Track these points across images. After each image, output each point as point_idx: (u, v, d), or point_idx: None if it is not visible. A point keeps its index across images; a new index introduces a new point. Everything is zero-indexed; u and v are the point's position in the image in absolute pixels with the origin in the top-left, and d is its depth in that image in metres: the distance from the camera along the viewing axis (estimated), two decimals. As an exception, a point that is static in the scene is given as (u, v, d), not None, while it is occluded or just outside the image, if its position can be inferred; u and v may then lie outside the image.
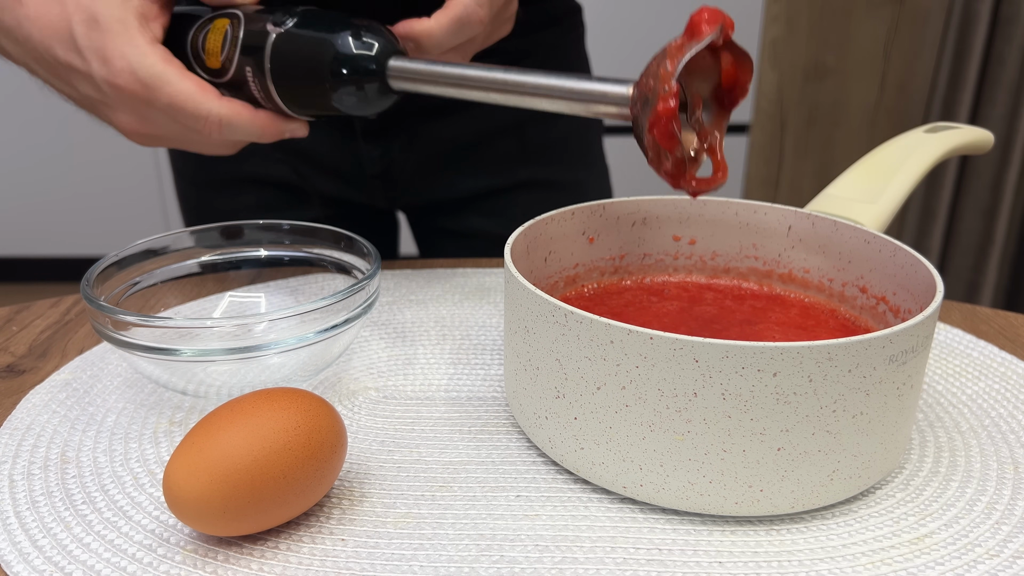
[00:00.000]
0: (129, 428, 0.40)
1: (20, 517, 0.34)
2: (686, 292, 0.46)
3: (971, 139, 0.53)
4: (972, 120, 1.79)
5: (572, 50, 0.74)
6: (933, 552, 0.32)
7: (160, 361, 0.39)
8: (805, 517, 0.34)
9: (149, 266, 0.47)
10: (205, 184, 0.72)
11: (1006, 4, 1.69)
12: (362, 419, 0.41)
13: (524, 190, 0.73)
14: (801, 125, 2.01)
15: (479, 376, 0.45)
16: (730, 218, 0.47)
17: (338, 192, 0.71)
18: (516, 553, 0.32)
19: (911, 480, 0.36)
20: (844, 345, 0.30)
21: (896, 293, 0.41)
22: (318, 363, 0.42)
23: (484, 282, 0.57)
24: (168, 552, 0.32)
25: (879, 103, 1.98)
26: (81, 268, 2.08)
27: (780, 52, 1.94)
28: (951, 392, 0.43)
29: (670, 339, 0.30)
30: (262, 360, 0.40)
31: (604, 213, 0.46)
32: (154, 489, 0.35)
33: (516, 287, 0.36)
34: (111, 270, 0.44)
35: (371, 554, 0.32)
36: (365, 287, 0.42)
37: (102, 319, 0.38)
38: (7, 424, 0.40)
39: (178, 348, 0.38)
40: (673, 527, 0.33)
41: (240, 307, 0.51)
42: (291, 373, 0.42)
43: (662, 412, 0.31)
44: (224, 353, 0.38)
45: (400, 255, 0.86)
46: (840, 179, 0.49)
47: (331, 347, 0.42)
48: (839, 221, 0.44)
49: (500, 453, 0.38)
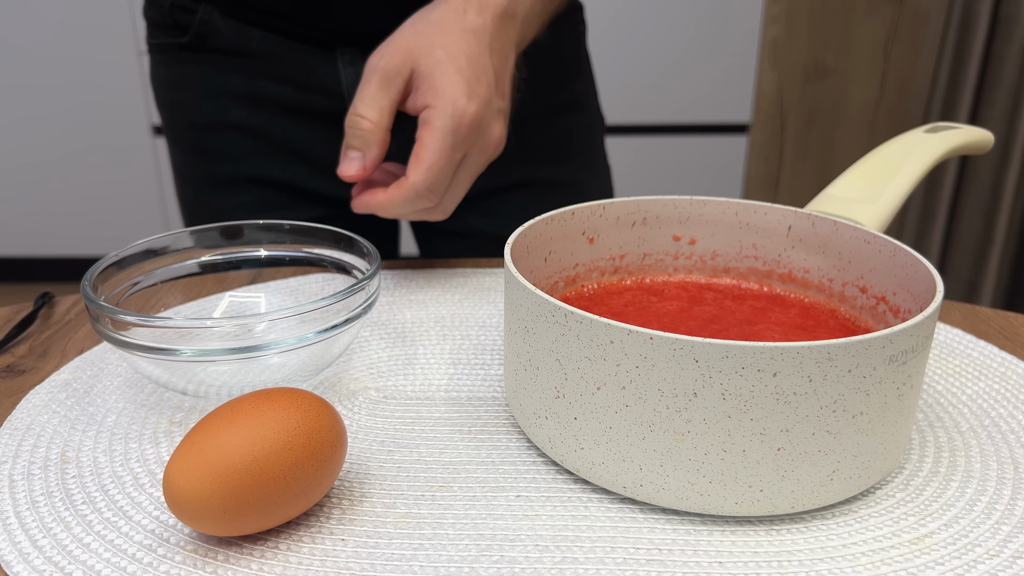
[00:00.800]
0: (129, 428, 0.40)
1: (20, 517, 0.34)
2: (686, 292, 0.47)
3: (971, 139, 0.53)
4: (972, 120, 1.79)
5: (574, 49, 0.74)
6: (933, 552, 0.32)
7: (160, 361, 0.39)
8: (805, 517, 0.34)
9: (149, 266, 0.47)
10: (203, 184, 0.72)
11: (1006, 4, 1.69)
12: (362, 419, 0.41)
13: (523, 189, 0.73)
14: (801, 125, 2.01)
15: (479, 376, 0.45)
16: (730, 218, 0.47)
17: (337, 192, 0.71)
18: (516, 553, 0.32)
19: (911, 480, 0.36)
20: (844, 345, 0.30)
21: (896, 293, 0.41)
22: (318, 363, 0.42)
23: (484, 282, 0.57)
24: (168, 552, 0.32)
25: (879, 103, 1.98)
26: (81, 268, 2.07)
27: (780, 52, 1.94)
28: (951, 392, 0.43)
29: (670, 339, 0.30)
30: (262, 360, 0.40)
31: (604, 213, 0.46)
32: (154, 489, 0.35)
33: (516, 287, 0.36)
34: (111, 270, 0.44)
35: (371, 554, 0.32)
36: (365, 287, 0.42)
37: (102, 319, 0.38)
38: (7, 424, 0.40)
39: (178, 348, 0.38)
40: (673, 527, 0.33)
41: (240, 307, 0.51)
42: (291, 373, 0.42)
43: (662, 412, 0.31)
44: (224, 353, 0.38)
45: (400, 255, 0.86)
46: (840, 179, 0.49)
47: (331, 347, 0.42)
48: (839, 221, 0.44)
49: (500, 453, 0.38)
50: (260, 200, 0.71)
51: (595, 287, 0.47)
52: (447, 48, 0.50)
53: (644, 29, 1.90)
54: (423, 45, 0.50)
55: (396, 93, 0.50)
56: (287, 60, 0.67)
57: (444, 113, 0.48)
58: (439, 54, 0.50)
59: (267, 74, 0.68)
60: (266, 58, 0.67)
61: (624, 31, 1.91)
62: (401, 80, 0.50)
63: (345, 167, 0.51)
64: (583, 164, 0.77)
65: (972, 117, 1.79)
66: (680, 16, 1.89)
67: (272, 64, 0.67)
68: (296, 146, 0.70)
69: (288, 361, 0.41)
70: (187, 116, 0.71)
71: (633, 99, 1.96)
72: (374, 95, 0.50)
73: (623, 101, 1.96)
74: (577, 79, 0.75)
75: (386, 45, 0.51)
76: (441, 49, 0.50)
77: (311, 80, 0.68)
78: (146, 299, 0.47)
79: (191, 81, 0.69)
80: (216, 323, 0.39)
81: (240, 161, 0.70)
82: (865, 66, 1.95)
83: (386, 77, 0.50)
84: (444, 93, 0.48)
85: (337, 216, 0.72)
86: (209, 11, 0.66)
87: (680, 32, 1.91)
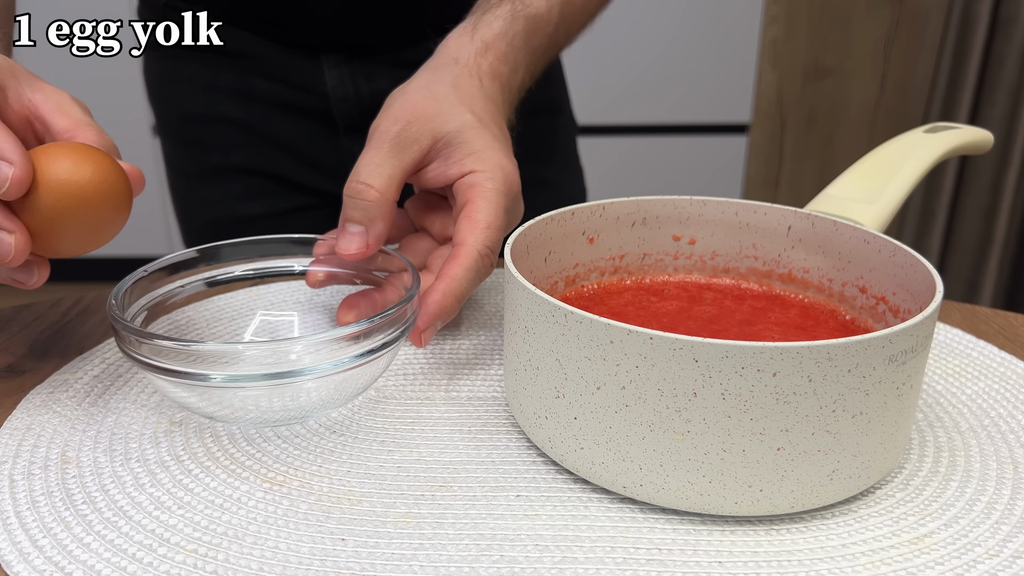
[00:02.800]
0: (129, 428, 0.40)
1: (20, 517, 0.34)
2: (686, 292, 0.47)
3: (971, 139, 0.53)
4: (972, 120, 1.79)
5: None
6: (933, 552, 0.32)
7: (190, 385, 0.37)
8: (805, 517, 0.34)
9: (177, 279, 0.45)
10: (193, 173, 0.76)
11: (1006, 4, 1.69)
12: (362, 419, 0.41)
13: None
14: (801, 125, 2.01)
15: (479, 376, 0.45)
16: (730, 218, 0.47)
17: (322, 185, 0.74)
18: (516, 553, 0.32)
19: (911, 480, 0.36)
20: (844, 345, 0.30)
21: (896, 293, 0.41)
22: (354, 388, 0.41)
23: (484, 282, 0.57)
24: (168, 552, 0.32)
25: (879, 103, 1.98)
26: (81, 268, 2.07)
27: (780, 52, 1.94)
28: (951, 392, 0.43)
29: (670, 339, 0.30)
30: (296, 385, 0.38)
31: (604, 213, 0.46)
32: (154, 489, 0.36)
33: (516, 287, 0.36)
34: (140, 285, 0.42)
35: (371, 554, 0.32)
36: (404, 308, 0.40)
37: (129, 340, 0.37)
38: (7, 424, 0.40)
39: (208, 373, 0.36)
40: (673, 527, 0.33)
41: (272, 327, 0.49)
42: (326, 396, 0.40)
43: (662, 412, 0.31)
44: (257, 379, 0.36)
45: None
46: (840, 179, 0.49)
47: (368, 371, 0.40)
48: (839, 221, 0.44)
49: (500, 453, 0.38)
50: (247, 190, 0.74)
51: (595, 287, 0.47)
52: (476, 113, 0.46)
53: (644, 29, 1.90)
54: (446, 110, 0.46)
55: (410, 163, 0.45)
56: (275, 61, 0.70)
57: (495, 177, 0.44)
58: (469, 119, 0.46)
59: (256, 72, 0.70)
60: (255, 58, 0.70)
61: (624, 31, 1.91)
62: (419, 149, 0.45)
63: (346, 243, 0.44)
64: (559, 165, 0.80)
65: (972, 117, 1.79)
66: (680, 16, 1.89)
67: (261, 64, 0.70)
68: (283, 140, 0.73)
69: (323, 385, 0.39)
70: (179, 109, 0.74)
71: (633, 99, 1.96)
72: (383, 162, 0.44)
73: (623, 101, 1.96)
74: (552, 83, 0.78)
75: (396, 108, 0.46)
76: (471, 114, 0.46)
77: (298, 79, 0.71)
78: (174, 319, 0.45)
79: (183, 76, 0.72)
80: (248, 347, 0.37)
81: (230, 152, 0.73)
82: (865, 66, 1.95)
83: (400, 144, 0.45)
84: (489, 158, 0.45)
85: (318, 206, 0.75)
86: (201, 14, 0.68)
87: (680, 32, 1.91)
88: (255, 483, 0.36)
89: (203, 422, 0.41)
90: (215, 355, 0.36)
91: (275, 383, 0.37)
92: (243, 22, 0.69)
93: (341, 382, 0.39)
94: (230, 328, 0.49)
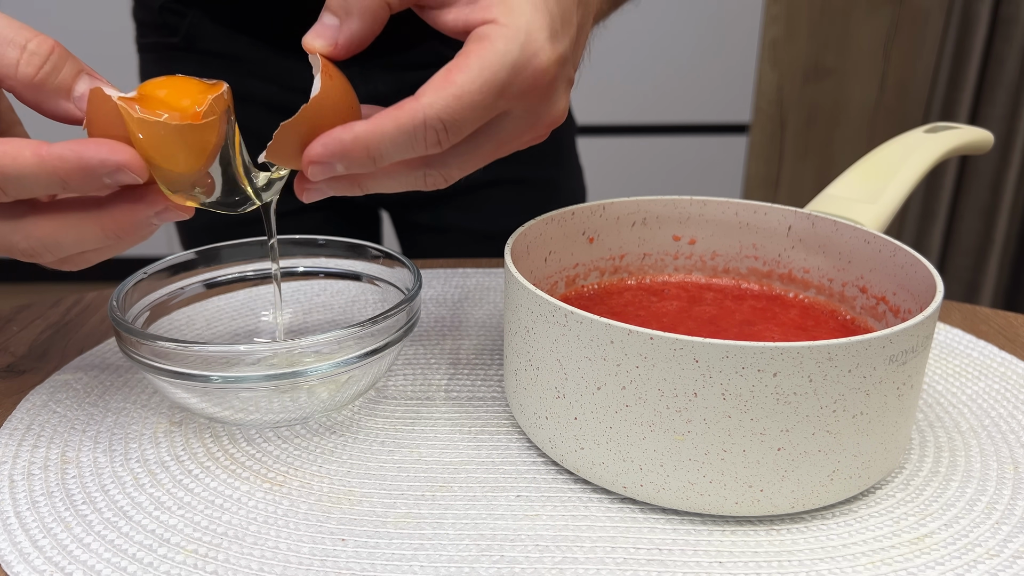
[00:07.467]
0: (129, 428, 0.40)
1: (20, 517, 0.34)
2: (686, 292, 0.47)
3: (971, 139, 0.53)
4: (972, 120, 1.79)
5: None
6: (933, 552, 0.32)
7: (192, 386, 0.37)
8: (805, 517, 0.34)
9: (178, 281, 0.45)
10: None
11: (1006, 4, 1.69)
12: (362, 419, 0.41)
13: (497, 187, 0.75)
14: (801, 125, 2.01)
15: (479, 376, 0.45)
16: (730, 218, 0.47)
17: None
18: (516, 553, 0.32)
19: (911, 480, 0.36)
20: (844, 345, 0.30)
21: (896, 293, 0.41)
22: (358, 387, 0.41)
23: (484, 282, 0.57)
24: (168, 552, 0.32)
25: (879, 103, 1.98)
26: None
27: (780, 52, 1.94)
28: (951, 392, 0.43)
29: (670, 339, 0.30)
30: (296, 386, 0.38)
31: (604, 213, 0.46)
32: (154, 489, 0.35)
33: (516, 287, 0.36)
34: (140, 286, 0.42)
35: (371, 554, 0.32)
36: (407, 308, 0.40)
37: (131, 342, 0.37)
38: (7, 424, 0.40)
39: (211, 374, 0.36)
40: (673, 527, 0.33)
41: (272, 327, 0.49)
42: (329, 397, 0.40)
43: (662, 412, 0.31)
44: (260, 380, 0.36)
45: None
46: (840, 179, 0.49)
47: (372, 370, 0.40)
48: (839, 221, 0.44)
49: (500, 453, 0.38)
50: None
51: (595, 287, 0.47)
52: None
53: (644, 29, 1.90)
54: None
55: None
56: (271, 63, 0.70)
57: (513, 38, 0.32)
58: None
59: (253, 74, 0.70)
60: (252, 60, 0.70)
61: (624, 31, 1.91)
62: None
63: (312, 35, 0.36)
64: (557, 163, 0.79)
65: (972, 117, 1.79)
66: (680, 16, 1.89)
67: (257, 66, 0.70)
68: None
69: (324, 386, 0.39)
70: None
71: (633, 99, 1.96)
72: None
73: (623, 101, 1.96)
74: None
75: None
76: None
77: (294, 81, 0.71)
78: (174, 319, 0.45)
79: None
80: (250, 349, 0.37)
81: None
82: (865, 66, 1.95)
83: None
84: (520, 15, 0.33)
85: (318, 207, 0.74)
86: (198, 16, 0.68)
87: (680, 32, 1.91)
88: (255, 483, 0.36)
89: (203, 422, 0.41)
90: (216, 356, 0.36)
91: (276, 384, 0.37)
92: (239, 24, 0.69)
93: (342, 383, 0.39)
94: (230, 328, 0.48)
